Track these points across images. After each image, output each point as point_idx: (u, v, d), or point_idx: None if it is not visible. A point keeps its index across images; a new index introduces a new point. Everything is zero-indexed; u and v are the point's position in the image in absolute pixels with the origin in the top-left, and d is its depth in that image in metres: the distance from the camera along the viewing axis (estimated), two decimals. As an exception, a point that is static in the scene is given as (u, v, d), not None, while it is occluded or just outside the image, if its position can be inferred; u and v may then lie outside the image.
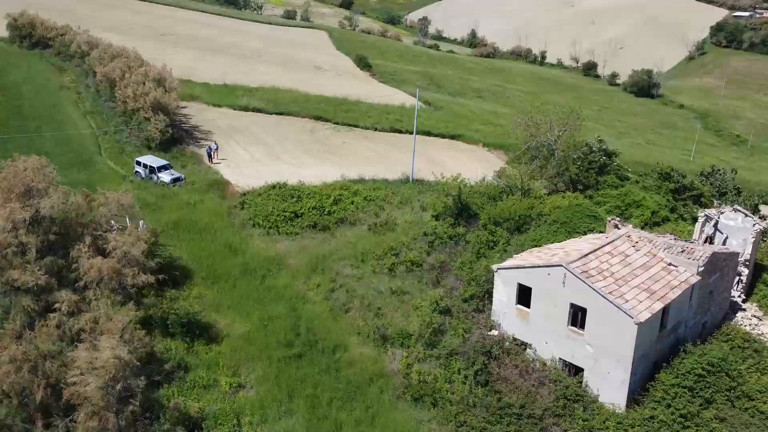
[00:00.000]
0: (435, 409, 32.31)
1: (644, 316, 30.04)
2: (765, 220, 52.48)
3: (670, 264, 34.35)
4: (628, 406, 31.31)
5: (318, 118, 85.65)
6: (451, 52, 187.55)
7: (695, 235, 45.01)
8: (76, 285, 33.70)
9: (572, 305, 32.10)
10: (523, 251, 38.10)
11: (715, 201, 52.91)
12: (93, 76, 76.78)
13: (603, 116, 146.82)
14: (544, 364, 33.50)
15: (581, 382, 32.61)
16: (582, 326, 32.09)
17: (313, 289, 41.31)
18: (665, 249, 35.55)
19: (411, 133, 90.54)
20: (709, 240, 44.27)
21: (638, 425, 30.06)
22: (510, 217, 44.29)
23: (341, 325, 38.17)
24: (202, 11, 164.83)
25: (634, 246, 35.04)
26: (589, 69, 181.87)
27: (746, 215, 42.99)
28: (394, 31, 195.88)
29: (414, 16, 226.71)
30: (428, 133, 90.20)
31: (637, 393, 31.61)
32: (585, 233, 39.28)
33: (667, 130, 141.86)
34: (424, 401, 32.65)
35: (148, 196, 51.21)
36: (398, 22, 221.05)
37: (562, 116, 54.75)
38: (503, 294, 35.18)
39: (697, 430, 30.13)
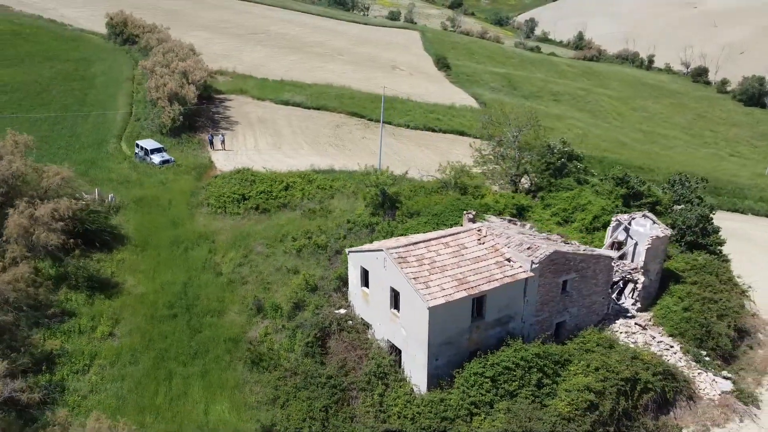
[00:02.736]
0: (266, 373, 35.48)
1: (437, 302, 31.34)
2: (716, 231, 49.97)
3: (508, 259, 34.99)
4: (429, 389, 32.69)
5: (353, 114, 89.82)
6: (553, 54, 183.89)
7: (606, 240, 44.46)
8: (-1, 240, 40.47)
9: (392, 289, 33.90)
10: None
11: (676, 207, 50.91)
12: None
13: (695, 125, 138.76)
14: (372, 344, 35.55)
15: (398, 363, 34.36)
16: (399, 309, 33.86)
17: (226, 262, 45.67)
18: (516, 245, 36.12)
19: (445, 132, 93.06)
20: (618, 246, 43.59)
21: (425, 405, 31.48)
22: (424, 211, 45.96)
23: (233, 295, 42.23)
24: (304, 12, 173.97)
25: (479, 239, 35.97)
26: (699, 75, 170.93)
27: (654, 222, 41.94)
28: (496, 32, 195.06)
29: (522, 18, 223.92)
30: (462, 133, 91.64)
31: (443, 378, 32.83)
32: (451, 226, 40.42)
33: (766, 142, 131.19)
34: (261, 366, 35.89)
35: (133, 174, 58.20)
36: (506, 24, 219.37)
37: (520, 117, 54.86)
38: (353, 276, 37.54)
39: (484, 418, 31.07)
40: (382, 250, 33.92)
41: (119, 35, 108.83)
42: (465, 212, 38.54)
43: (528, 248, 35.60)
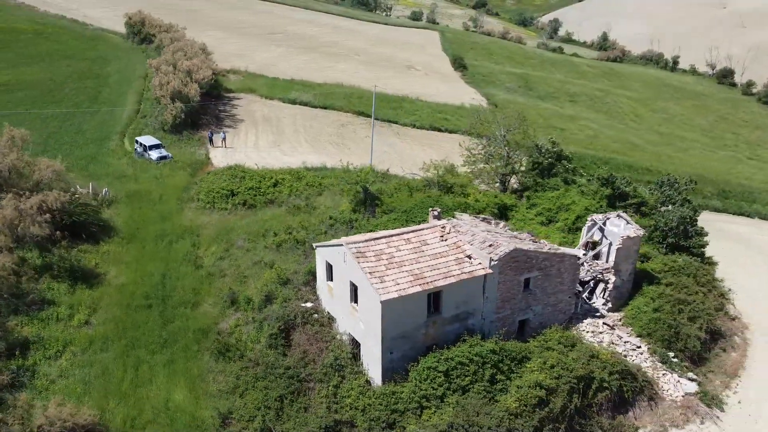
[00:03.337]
0: (231, 363, 36.31)
1: (390, 296, 31.78)
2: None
3: (468, 256, 35.28)
4: (384, 382, 33.15)
5: (360, 114, 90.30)
6: (575, 54, 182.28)
7: (580, 239, 44.43)
8: (-15, 229, 42.01)
9: (351, 283, 34.46)
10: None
11: (662, 209, 50.54)
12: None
13: (716, 127, 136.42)
14: (334, 337, 36.15)
15: (358, 356, 34.91)
16: (358, 303, 34.39)
17: (208, 255, 46.72)
18: (479, 243, 36.38)
19: (451, 132, 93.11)
20: (593, 245, 43.54)
21: (377, 397, 31.98)
22: (400, 209, 46.45)
23: (210, 288, 43.20)
24: (325, 12, 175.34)
25: (441, 236, 36.31)
26: (725, 76, 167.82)
27: (628, 222, 41.82)
28: (519, 32, 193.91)
29: (547, 18, 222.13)
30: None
31: (398, 372, 33.25)
32: (419, 223, 40.81)
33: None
34: (228, 356, 36.73)
35: (129, 169, 59.70)
36: (530, 24, 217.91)
37: (507, 118, 54.96)
38: (320, 270, 38.20)
39: (434, 411, 31.45)
40: (342, 245, 34.53)
41: (137, 34, 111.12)
42: (430, 209, 38.91)
43: (489, 245, 35.84)
